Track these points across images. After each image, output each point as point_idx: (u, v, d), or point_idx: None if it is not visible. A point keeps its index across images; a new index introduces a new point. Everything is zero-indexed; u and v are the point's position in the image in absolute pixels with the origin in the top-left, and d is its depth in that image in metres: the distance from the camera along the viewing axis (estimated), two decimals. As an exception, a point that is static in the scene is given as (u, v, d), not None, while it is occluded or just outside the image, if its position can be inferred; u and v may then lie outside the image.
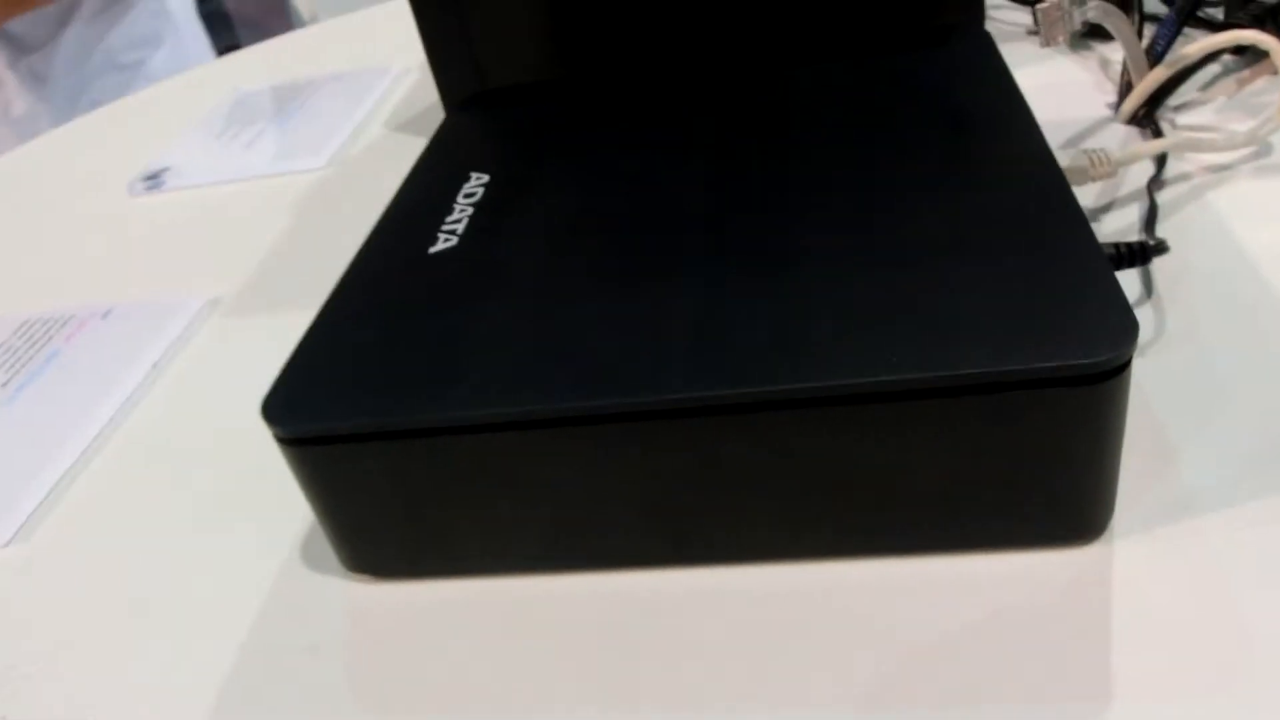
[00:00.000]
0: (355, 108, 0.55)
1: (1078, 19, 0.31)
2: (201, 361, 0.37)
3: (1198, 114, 0.38)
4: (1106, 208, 0.34)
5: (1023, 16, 0.48)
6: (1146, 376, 0.26)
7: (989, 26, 0.49)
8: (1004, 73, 0.31)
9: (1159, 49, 0.39)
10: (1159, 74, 0.37)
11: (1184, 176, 0.35)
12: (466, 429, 0.22)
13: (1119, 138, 0.37)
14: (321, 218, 0.46)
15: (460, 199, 0.31)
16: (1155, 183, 0.34)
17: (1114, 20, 0.34)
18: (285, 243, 0.45)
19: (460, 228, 0.29)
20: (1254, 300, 0.28)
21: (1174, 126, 0.37)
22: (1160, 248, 0.28)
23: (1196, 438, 0.24)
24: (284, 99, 0.59)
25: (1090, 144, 0.37)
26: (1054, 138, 0.38)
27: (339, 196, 0.48)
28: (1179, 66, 0.36)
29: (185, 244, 0.47)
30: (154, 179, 0.52)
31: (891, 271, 0.23)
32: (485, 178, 0.32)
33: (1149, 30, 0.40)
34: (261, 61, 0.71)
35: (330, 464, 0.23)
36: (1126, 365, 0.20)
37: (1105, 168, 0.32)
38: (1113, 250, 0.28)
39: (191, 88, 0.69)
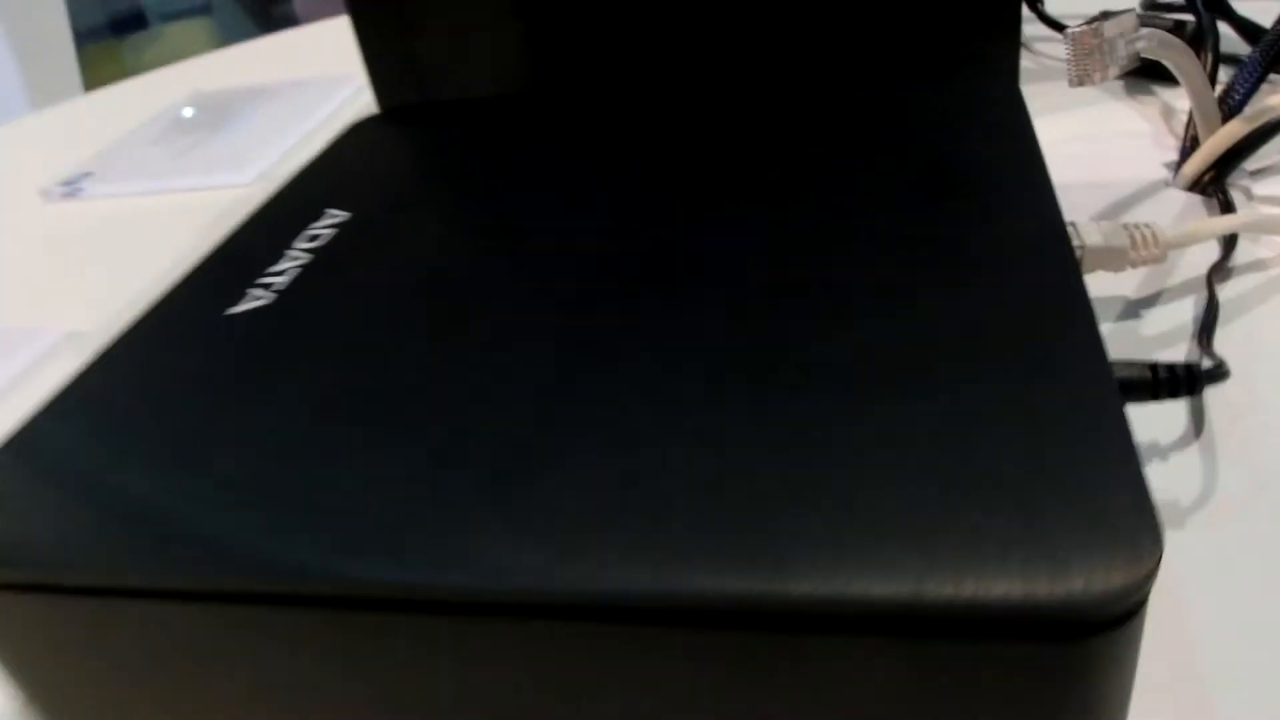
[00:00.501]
0: (305, 119, 0.49)
1: (1124, 53, 0.23)
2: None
3: (1276, 182, 0.30)
4: (1150, 303, 0.26)
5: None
6: (1183, 565, 0.19)
7: (1030, 61, 0.41)
8: (1020, 122, 0.23)
9: (1235, 98, 0.30)
10: (1233, 130, 0.29)
11: (1258, 265, 0.26)
12: (142, 594, 0.15)
13: (1176, 208, 0.29)
14: (229, 242, 0.40)
15: (299, 242, 0.24)
16: (1218, 272, 0.26)
17: (1176, 58, 0.27)
18: (177, 271, 0.38)
19: (281, 282, 0.23)
20: (1348, 454, 0.20)
21: (1249, 198, 0.29)
22: (1218, 373, 0.21)
23: (1248, 679, 0.16)
24: (236, 105, 0.53)
25: (1137, 215, 0.29)
26: (1092, 204, 0.30)
27: (256, 218, 0.42)
28: (1260, 122, 0.28)
29: (76, 262, 0.41)
30: (72, 185, 0.47)
31: (794, 419, 0.15)
32: (343, 216, 0.25)
33: (1225, 74, 0.32)
34: (237, 63, 0.66)
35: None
36: (1139, 608, 0.12)
37: (1152, 249, 0.24)
38: (1148, 373, 0.20)
39: (155, 88, 0.64)
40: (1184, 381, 0.20)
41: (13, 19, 1.22)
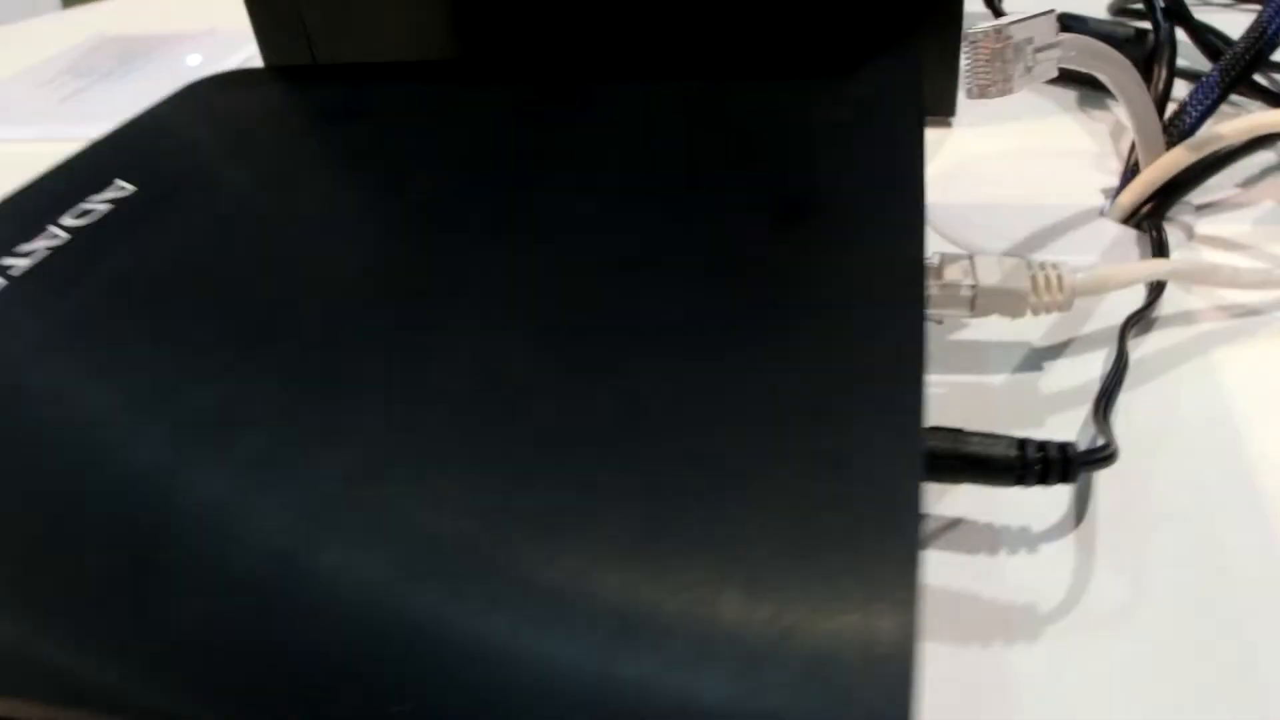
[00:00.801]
0: (201, 71, 0.46)
1: (1034, 62, 0.19)
2: None
3: (1229, 222, 0.26)
4: (1056, 354, 0.22)
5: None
6: (1031, 687, 0.15)
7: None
8: (909, 132, 0.20)
9: (1188, 121, 0.27)
10: (1175, 158, 0.25)
11: (1185, 318, 0.23)
12: None
13: (1105, 243, 0.26)
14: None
15: (67, 218, 0.21)
16: (1137, 324, 0.22)
17: (1112, 71, 0.23)
18: None
19: (22, 265, 0.19)
20: (1253, 568, 0.17)
21: (1189, 237, 0.26)
22: (1099, 456, 0.17)
23: None
24: (139, 51, 0.50)
25: (1061, 247, 0.26)
26: (1011, 231, 0.26)
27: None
28: (1206, 151, 0.25)
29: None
30: (-58, 125, 0.43)
31: (495, 508, 0.12)
32: (127, 191, 0.22)
33: (1181, 90, 0.29)
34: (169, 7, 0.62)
35: None
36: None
37: (1056, 295, 0.21)
38: (1013, 452, 0.16)
39: (78, 26, 0.59)
40: (1056, 466, 0.17)
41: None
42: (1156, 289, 0.23)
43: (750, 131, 0.21)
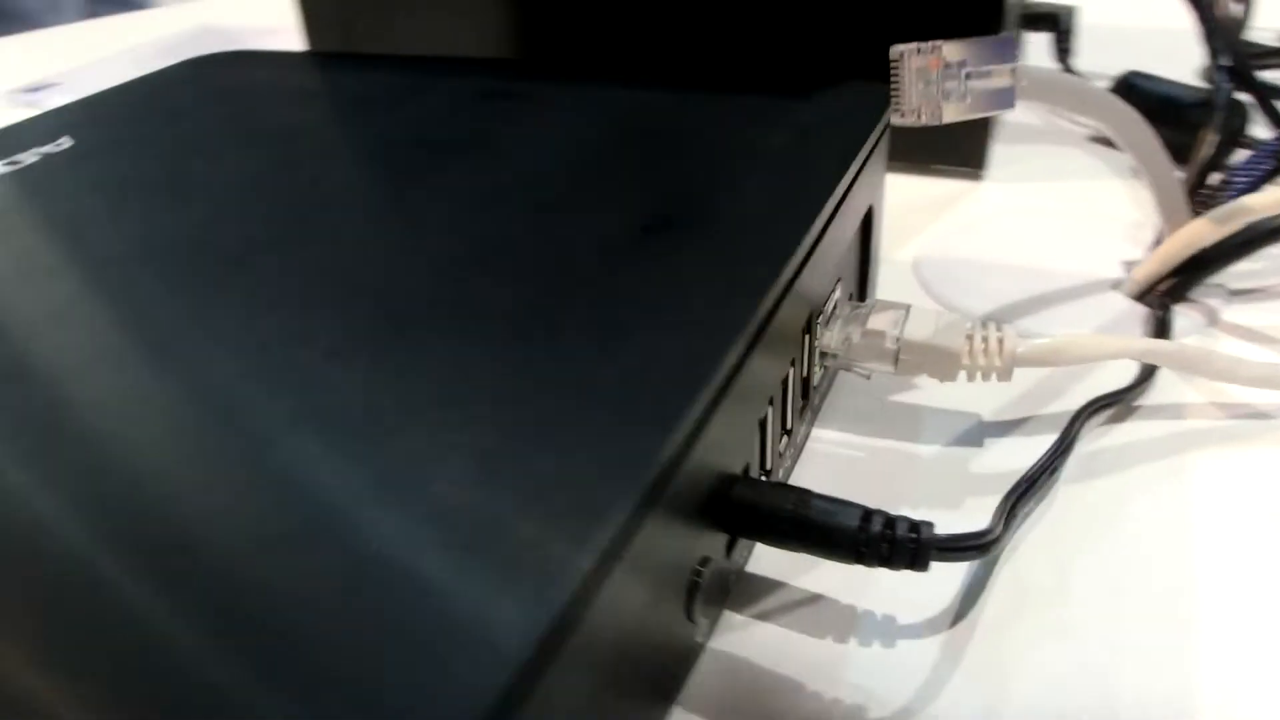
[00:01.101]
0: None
1: (968, 90, 0.17)
2: None
3: (1270, 312, 0.23)
4: (1001, 432, 0.19)
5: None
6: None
7: (1035, 117, 0.34)
8: (831, 161, 0.18)
9: (1235, 190, 0.24)
10: (1200, 230, 0.22)
11: (1171, 411, 0.20)
12: None
13: (1106, 318, 0.23)
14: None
15: (-1, 164, 0.21)
16: (1103, 410, 0.19)
17: (1111, 119, 0.20)
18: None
19: (-75, 203, 0.19)
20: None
21: (1211, 322, 0.22)
22: (962, 545, 0.14)
23: None
24: (229, 43, 0.52)
25: (1053, 317, 0.23)
26: (996, 296, 0.24)
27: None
28: (1236, 224, 0.21)
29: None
30: (36, 92, 0.46)
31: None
32: (66, 144, 0.22)
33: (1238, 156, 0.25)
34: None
35: None
36: None
37: (994, 362, 0.18)
38: (854, 525, 0.14)
39: (195, 16, 0.63)
40: (904, 548, 0.14)
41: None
42: (1146, 374, 0.20)
43: (668, 143, 0.19)
